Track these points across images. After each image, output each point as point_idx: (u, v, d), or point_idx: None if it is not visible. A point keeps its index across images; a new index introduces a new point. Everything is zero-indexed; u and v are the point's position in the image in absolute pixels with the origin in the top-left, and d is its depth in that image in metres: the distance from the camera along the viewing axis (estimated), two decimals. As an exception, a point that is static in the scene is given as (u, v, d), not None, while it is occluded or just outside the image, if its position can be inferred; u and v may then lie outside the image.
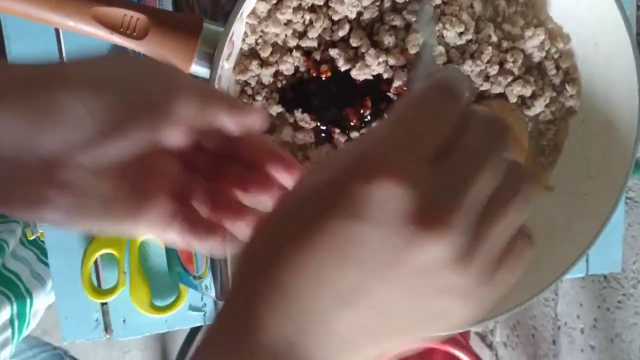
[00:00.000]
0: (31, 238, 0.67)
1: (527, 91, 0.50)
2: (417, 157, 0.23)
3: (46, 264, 0.72)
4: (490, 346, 1.32)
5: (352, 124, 0.49)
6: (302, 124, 0.49)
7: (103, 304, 0.65)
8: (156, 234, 0.31)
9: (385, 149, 0.23)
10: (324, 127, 0.49)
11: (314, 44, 0.47)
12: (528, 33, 0.50)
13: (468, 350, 0.95)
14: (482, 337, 1.33)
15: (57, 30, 0.60)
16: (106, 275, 0.64)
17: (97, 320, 0.64)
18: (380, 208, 0.22)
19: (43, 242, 0.70)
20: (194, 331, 1.26)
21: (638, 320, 0.89)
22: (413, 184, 0.22)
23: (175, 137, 0.28)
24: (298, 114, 0.48)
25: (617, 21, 0.48)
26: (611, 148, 0.52)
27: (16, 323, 0.70)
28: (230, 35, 0.42)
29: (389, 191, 0.22)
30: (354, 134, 0.49)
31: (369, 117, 0.49)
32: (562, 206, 0.53)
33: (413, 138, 0.23)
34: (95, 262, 0.63)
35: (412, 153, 0.23)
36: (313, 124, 0.49)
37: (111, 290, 0.63)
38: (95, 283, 0.63)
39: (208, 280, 0.58)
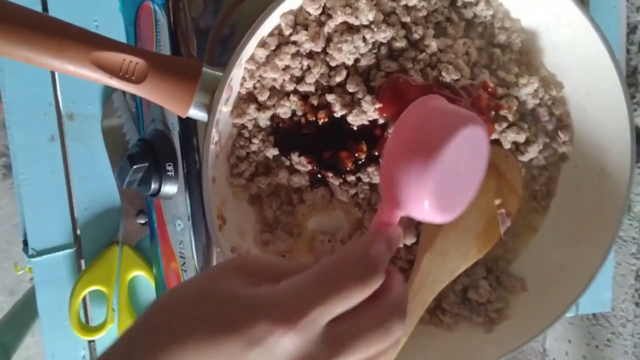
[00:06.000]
0: (19, 272, 0.66)
1: (521, 137, 0.51)
2: (318, 320, 0.29)
3: None
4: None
5: (347, 168, 0.49)
6: (298, 167, 0.49)
7: (90, 341, 0.64)
8: None
9: (298, 302, 0.29)
10: (318, 171, 0.49)
11: (311, 88, 0.47)
12: (522, 81, 0.50)
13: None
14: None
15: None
16: (94, 312, 0.63)
17: (83, 357, 0.64)
18: (269, 347, 0.28)
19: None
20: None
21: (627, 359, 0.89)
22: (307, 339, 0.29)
23: None
24: (294, 157, 0.48)
25: (610, 70, 0.49)
26: (603, 194, 0.52)
27: None
28: (229, 80, 0.43)
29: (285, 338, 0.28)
30: (350, 178, 0.49)
31: (363, 161, 0.49)
32: (555, 252, 0.53)
33: (324, 304, 0.29)
34: (84, 299, 0.62)
35: (314, 318, 0.29)
36: (309, 167, 0.49)
37: (99, 328, 0.62)
38: (83, 320, 0.63)
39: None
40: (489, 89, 0.49)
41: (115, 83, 0.41)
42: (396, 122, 0.35)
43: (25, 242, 0.62)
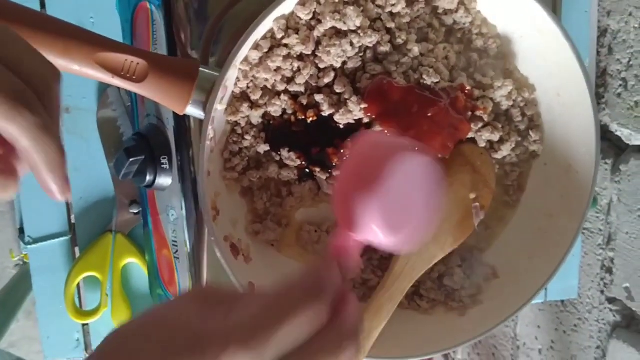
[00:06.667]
0: (15, 259, 0.68)
1: (495, 137, 0.54)
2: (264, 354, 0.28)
3: None
4: (452, 363, 1.37)
5: (333, 163, 0.52)
6: (287, 162, 0.52)
7: (84, 325, 0.66)
8: None
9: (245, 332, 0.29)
10: (306, 166, 0.52)
11: (301, 89, 0.50)
12: (497, 83, 0.54)
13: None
14: (445, 355, 1.37)
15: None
16: (89, 297, 0.66)
17: (78, 340, 0.66)
18: None
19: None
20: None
21: (592, 344, 0.94)
22: None
23: None
24: (284, 152, 0.51)
25: (578, 75, 0.52)
26: (570, 189, 0.55)
27: None
28: (224, 80, 0.45)
29: None
30: (336, 172, 0.53)
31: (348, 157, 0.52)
32: (524, 242, 0.57)
33: (268, 340, 0.29)
34: (78, 285, 0.65)
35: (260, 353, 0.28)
36: (298, 162, 0.52)
37: (93, 312, 0.65)
38: (78, 305, 0.65)
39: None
40: (467, 91, 0.53)
41: (117, 82, 0.44)
42: (344, 159, 0.37)
43: (21, 230, 0.64)
